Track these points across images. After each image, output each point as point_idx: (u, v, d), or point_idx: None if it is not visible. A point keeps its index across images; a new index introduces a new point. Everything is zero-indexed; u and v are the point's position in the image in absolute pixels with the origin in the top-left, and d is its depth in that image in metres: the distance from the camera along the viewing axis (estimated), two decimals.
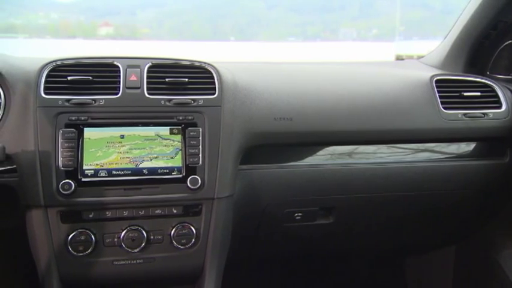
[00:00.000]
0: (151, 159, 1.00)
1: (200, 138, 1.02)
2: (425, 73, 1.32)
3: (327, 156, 1.23)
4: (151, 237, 0.98)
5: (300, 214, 1.21)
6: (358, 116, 1.18)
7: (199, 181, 0.99)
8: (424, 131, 1.22)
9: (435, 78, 1.28)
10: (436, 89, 1.26)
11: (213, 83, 1.07)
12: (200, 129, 1.02)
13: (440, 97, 1.24)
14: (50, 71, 1.01)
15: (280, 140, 1.13)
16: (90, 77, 1.01)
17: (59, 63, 1.02)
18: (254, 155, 1.12)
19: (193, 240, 1.00)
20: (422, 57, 1.67)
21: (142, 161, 0.99)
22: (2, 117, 0.98)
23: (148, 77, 1.04)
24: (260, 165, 1.14)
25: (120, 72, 1.03)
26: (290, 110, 1.13)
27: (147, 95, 1.02)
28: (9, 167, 0.95)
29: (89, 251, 0.95)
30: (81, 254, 0.95)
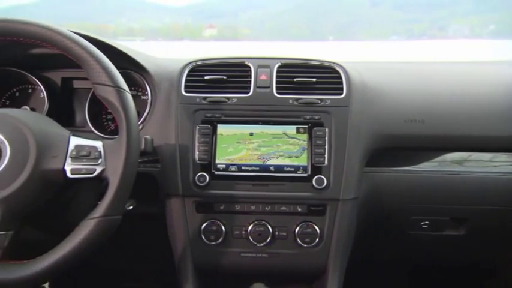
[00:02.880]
0: (277, 157, 1.03)
1: (326, 138, 1.02)
2: None
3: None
4: (276, 233, 1.01)
5: (427, 223, 1.15)
6: (498, 121, 1.08)
7: (325, 181, 0.99)
8: None
9: None
10: None
11: (341, 83, 1.06)
12: (326, 129, 1.02)
13: None
14: (190, 70, 1.09)
15: (411, 143, 1.08)
16: (225, 77, 1.07)
17: (199, 63, 1.09)
18: (379, 158, 1.09)
19: (317, 239, 1.00)
20: None
21: (269, 158, 1.03)
22: (148, 113, 1.09)
23: (277, 77, 1.07)
24: (386, 168, 1.10)
25: (251, 72, 1.08)
26: (422, 111, 1.08)
27: (275, 94, 1.05)
28: (153, 158, 1.05)
29: (220, 240, 1.01)
30: (212, 243, 1.01)
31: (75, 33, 0.81)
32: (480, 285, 1.64)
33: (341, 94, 1.05)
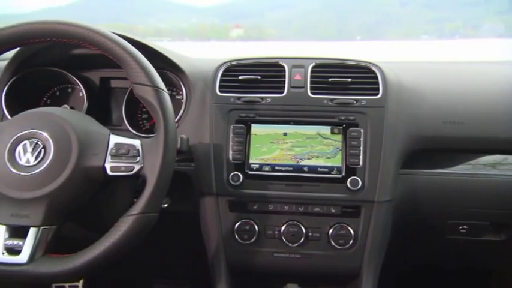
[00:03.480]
0: (311, 158, 1.02)
1: (361, 139, 1.00)
2: None
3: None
4: (310, 234, 1.00)
5: (465, 227, 1.12)
6: None
7: (360, 183, 0.98)
8: None
9: None
10: None
11: (377, 83, 1.05)
12: (361, 130, 1.01)
13: None
14: (225, 70, 1.09)
15: (450, 145, 1.05)
16: (259, 77, 1.07)
17: (234, 63, 1.10)
18: (416, 159, 1.07)
19: (351, 241, 0.99)
20: None
21: (303, 159, 1.02)
22: (183, 112, 1.10)
23: (311, 77, 1.06)
24: (422, 170, 1.08)
25: (285, 72, 1.07)
26: (461, 113, 1.05)
27: (310, 95, 1.04)
28: (187, 157, 1.06)
29: (253, 240, 1.01)
30: (246, 242, 1.01)
31: (115, 34, 0.83)
32: None
33: (377, 94, 1.03)
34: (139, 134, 1.11)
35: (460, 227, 1.11)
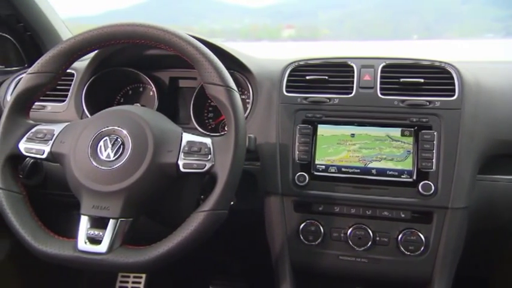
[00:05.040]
0: (380, 160, 0.99)
1: (435, 142, 0.96)
2: None
3: None
4: (377, 238, 0.97)
5: None
6: None
7: (432, 187, 0.94)
8: None
9: None
10: None
11: (453, 84, 1.00)
12: (435, 133, 0.97)
13: None
14: (292, 70, 1.09)
15: None
16: (327, 77, 1.06)
17: (301, 63, 1.09)
18: (495, 165, 1.00)
19: (422, 248, 0.95)
20: None
21: (371, 161, 0.99)
22: (249, 112, 1.11)
23: (381, 77, 1.03)
24: (502, 176, 1.01)
25: (354, 72, 1.05)
26: None
27: (380, 95, 1.01)
28: (252, 156, 1.06)
29: (318, 241, 0.99)
30: (311, 243, 1.00)
31: (189, 35, 0.85)
32: None
33: (452, 96, 0.98)
34: (206, 133, 1.14)
35: None
